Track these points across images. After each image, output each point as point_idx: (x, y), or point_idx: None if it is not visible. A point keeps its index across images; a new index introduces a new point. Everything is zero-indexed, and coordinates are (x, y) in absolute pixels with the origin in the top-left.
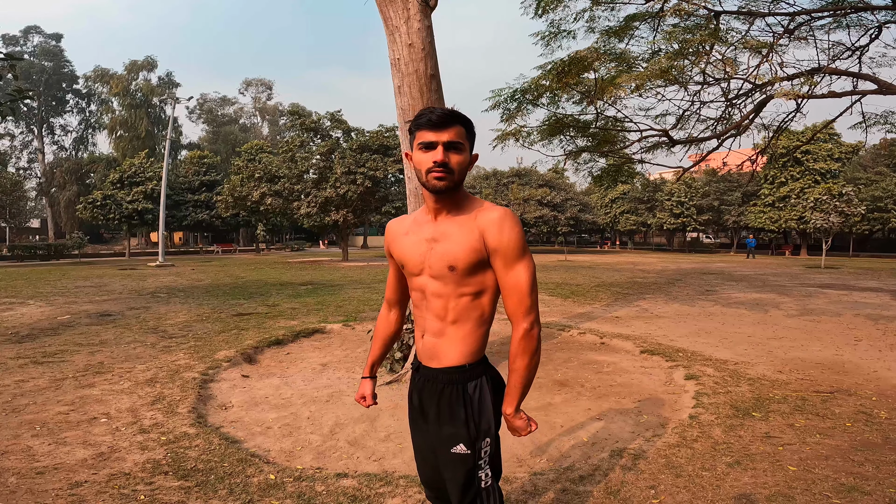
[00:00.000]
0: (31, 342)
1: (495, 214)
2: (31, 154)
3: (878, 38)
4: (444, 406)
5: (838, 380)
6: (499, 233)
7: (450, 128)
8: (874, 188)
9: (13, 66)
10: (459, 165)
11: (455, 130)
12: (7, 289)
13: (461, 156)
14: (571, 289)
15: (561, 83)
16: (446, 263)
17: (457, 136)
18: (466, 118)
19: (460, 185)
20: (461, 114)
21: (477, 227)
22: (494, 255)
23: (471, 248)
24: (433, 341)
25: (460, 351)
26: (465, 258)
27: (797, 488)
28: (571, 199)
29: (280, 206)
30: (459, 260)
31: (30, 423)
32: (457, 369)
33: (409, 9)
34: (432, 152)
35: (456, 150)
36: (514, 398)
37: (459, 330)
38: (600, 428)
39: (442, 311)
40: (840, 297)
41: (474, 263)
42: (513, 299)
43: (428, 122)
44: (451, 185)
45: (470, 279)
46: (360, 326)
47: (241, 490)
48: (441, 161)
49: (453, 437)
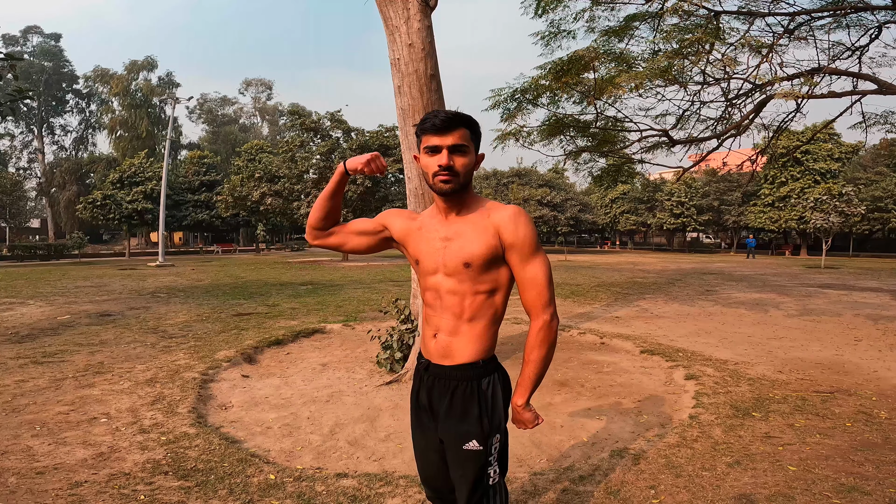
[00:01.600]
0: (31, 342)
1: (510, 211)
2: (31, 154)
3: (878, 38)
4: (457, 403)
5: (838, 380)
6: (515, 228)
7: (454, 131)
8: (874, 188)
9: (13, 66)
10: (465, 168)
11: (459, 133)
12: (7, 289)
13: (466, 158)
14: (571, 289)
15: (560, 83)
16: (461, 260)
17: (461, 138)
18: (471, 119)
19: (467, 185)
20: (466, 116)
21: (492, 225)
22: (511, 251)
23: (486, 245)
24: (447, 339)
25: (475, 348)
26: (480, 255)
27: (797, 488)
28: (571, 199)
29: (280, 206)
30: (475, 256)
31: (30, 423)
32: (471, 366)
33: (409, 9)
34: (437, 156)
35: (461, 152)
36: (528, 389)
37: (475, 327)
38: (600, 428)
39: (458, 308)
40: (840, 297)
41: (489, 260)
42: (532, 292)
43: (432, 127)
44: (457, 187)
45: (485, 276)
46: (360, 326)
47: (241, 490)
48: (446, 165)
49: (466, 434)
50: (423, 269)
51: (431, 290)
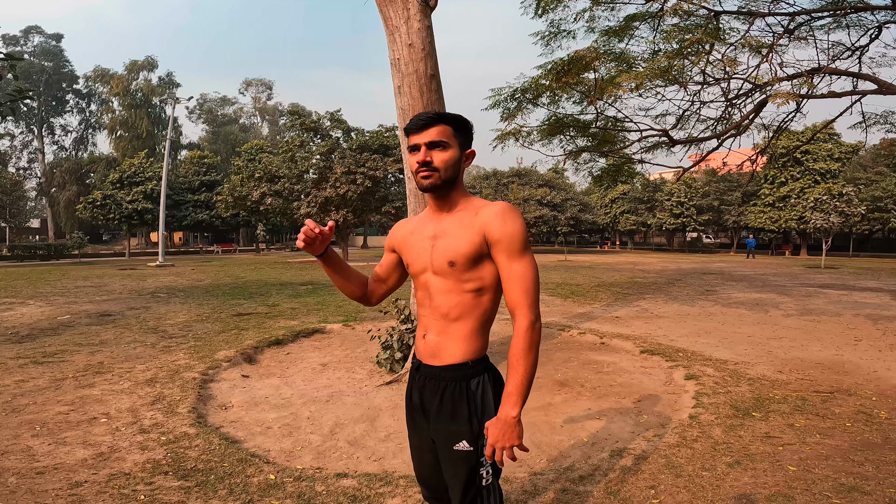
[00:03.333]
0: (31, 342)
1: (497, 208)
2: (31, 154)
3: (878, 38)
4: (446, 403)
5: (838, 380)
6: (502, 224)
7: (432, 128)
8: (874, 188)
9: (13, 66)
10: (445, 163)
11: (437, 130)
12: (7, 289)
13: (446, 153)
14: (571, 289)
15: (561, 83)
16: (447, 259)
17: (439, 135)
18: (454, 117)
19: (452, 182)
20: (447, 113)
21: (478, 223)
22: (497, 247)
23: (470, 243)
24: (436, 339)
25: (463, 349)
26: (464, 253)
27: (797, 488)
28: (571, 199)
29: (280, 206)
30: (459, 255)
31: (30, 423)
32: (460, 366)
33: (409, 9)
34: (417, 154)
35: (440, 148)
36: (521, 398)
37: (462, 327)
38: (600, 428)
39: (445, 308)
40: (840, 297)
41: (473, 258)
42: (516, 291)
43: (413, 126)
44: (438, 183)
45: (470, 274)
46: (360, 326)
47: (241, 490)
48: (422, 160)
49: (456, 435)
50: (413, 269)
51: (422, 290)
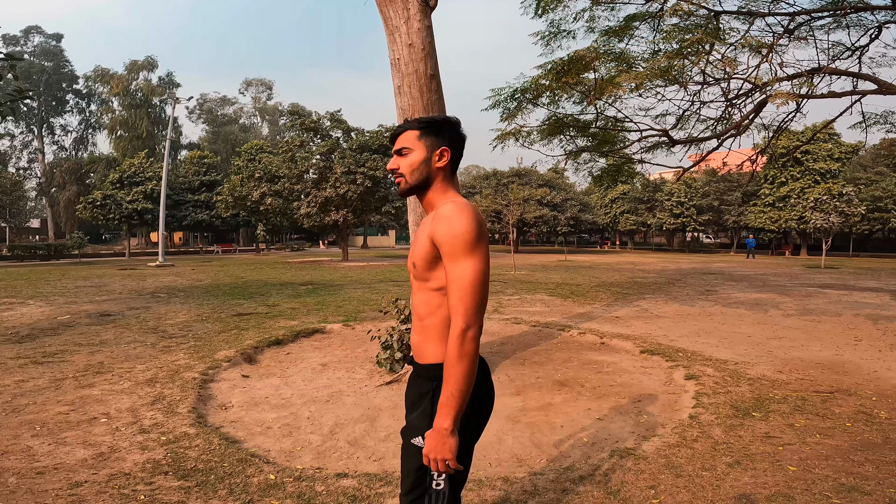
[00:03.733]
0: (31, 342)
1: (440, 210)
2: (31, 154)
3: (878, 38)
4: (414, 397)
5: (838, 380)
6: (442, 227)
7: (399, 136)
8: (874, 188)
9: (13, 66)
10: (409, 167)
11: (402, 137)
12: (7, 289)
13: (409, 158)
14: (571, 289)
15: (561, 83)
16: (411, 261)
17: (403, 142)
18: (419, 121)
19: (424, 184)
20: (417, 119)
21: (430, 226)
22: (441, 250)
23: (423, 247)
24: (415, 338)
25: (435, 350)
26: (420, 256)
27: (797, 488)
28: (571, 199)
29: (280, 206)
30: (417, 258)
31: (30, 423)
32: (435, 367)
33: (409, 9)
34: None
35: (405, 153)
36: (452, 409)
37: (433, 328)
38: (600, 428)
39: (418, 307)
40: (840, 297)
41: (428, 260)
42: (452, 296)
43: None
44: (406, 187)
45: (429, 274)
46: (360, 326)
47: (241, 490)
48: (390, 168)
49: (415, 430)
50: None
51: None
